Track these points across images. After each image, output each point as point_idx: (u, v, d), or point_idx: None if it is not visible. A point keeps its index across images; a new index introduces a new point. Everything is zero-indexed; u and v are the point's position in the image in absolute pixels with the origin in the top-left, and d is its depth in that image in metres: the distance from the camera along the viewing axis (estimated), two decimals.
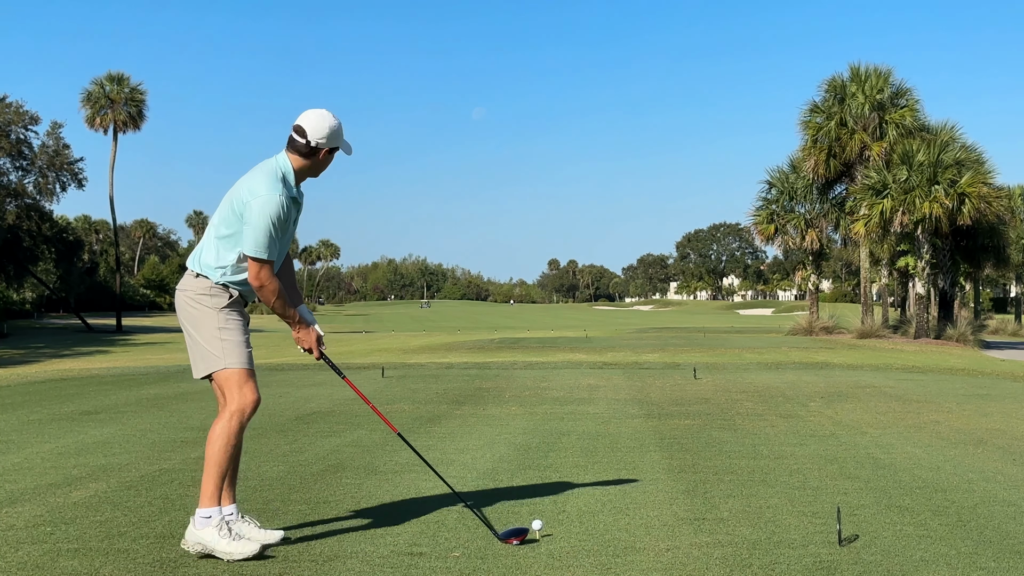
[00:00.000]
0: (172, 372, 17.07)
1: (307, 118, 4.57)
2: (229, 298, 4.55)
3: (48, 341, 47.71)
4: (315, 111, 4.59)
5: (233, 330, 4.54)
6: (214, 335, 4.51)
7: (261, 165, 4.58)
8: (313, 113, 4.58)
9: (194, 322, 4.54)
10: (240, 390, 4.49)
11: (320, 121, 4.54)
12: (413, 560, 4.29)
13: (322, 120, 4.55)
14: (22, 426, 9.22)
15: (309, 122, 4.55)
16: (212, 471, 4.40)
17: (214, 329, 4.51)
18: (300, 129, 4.55)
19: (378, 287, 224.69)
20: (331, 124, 4.56)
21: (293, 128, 4.58)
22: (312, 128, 4.54)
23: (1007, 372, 17.35)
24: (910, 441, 8.11)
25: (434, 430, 8.82)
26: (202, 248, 4.60)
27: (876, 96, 36.76)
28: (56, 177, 55.99)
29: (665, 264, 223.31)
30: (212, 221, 4.61)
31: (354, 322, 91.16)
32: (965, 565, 4.25)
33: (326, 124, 4.54)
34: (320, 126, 4.53)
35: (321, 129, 4.53)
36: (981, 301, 69.19)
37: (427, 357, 23.32)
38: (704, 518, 5.13)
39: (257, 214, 4.39)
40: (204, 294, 4.53)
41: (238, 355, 4.53)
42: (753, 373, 16.60)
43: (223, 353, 4.51)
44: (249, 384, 4.53)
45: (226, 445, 4.42)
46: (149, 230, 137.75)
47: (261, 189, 4.42)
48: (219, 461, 4.40)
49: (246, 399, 4.49)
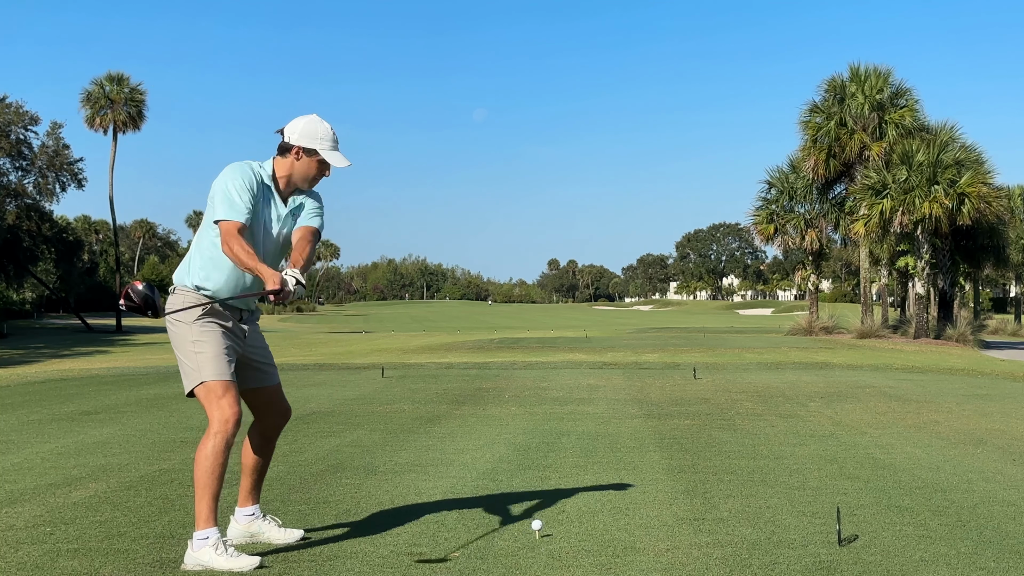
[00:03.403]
0: (172, 372, 17.07)
1: (294, 119, 4.57)
2: (203, 310, 4.39)
3: (48, 341, 47.69)
4: (305, 115, 4.58)
5: (208, 342, 4.36)
6: (190, 348, 4.37)
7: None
8: (301, 116, 4.58)
9: (173, 338, 4.44)
10: (218, 404, 4.29)
11: (300, 120, 4.53)
12: (413, 560, 4.30)
13: (303, 120, 4.53)
14: (22, 426, 9.22)
15: (292, 121, 4.55)
16: (202, 494, 4.24)
17: (189, 343, 4.37)
18: (281, 130, 4.56)
19: (378, 287, 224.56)
20: (307, 123, 4.50)
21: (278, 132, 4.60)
22: (290, 125, 4.53)
23: (1007, 372, 17.35)
24: (910, 441, 8.12)
25: (434, 430, 8.82)
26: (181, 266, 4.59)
27: (876, 96, 36.75)
28: (56, 177, 55.94)
29: (665, 264, 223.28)
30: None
31: (354, 322, 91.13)
32: (965, 565, 4.25)
33: (302, 122, 4.51)
34: (297, 123, 4.51)
35: (296, 126, 4.50)
36: (981, 301, 69.17)
37: (427, 357, 23.32)
38: (704, 518, 5.13)
39: (216, 183, 4.41)
40: (178, 308, 4.40)
41: (213, 367, 4.33)
42: (753, 373, 16.60)
43: (198, 366, 4.34)
44: (227, 397, 4.31)
45: (213, 467, 4.23)
46: (149, 230, 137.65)
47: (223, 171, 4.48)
48: (207, 484, 4.23)
49: (225, 414, 4.27)
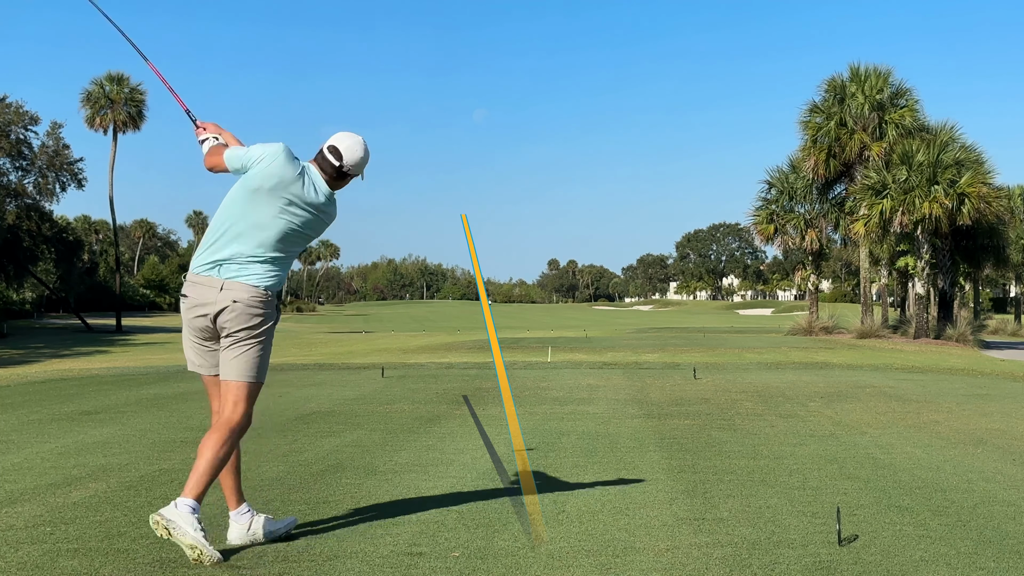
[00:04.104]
0: (172, 372, 17.07)
1: (343, 142, 4.59)
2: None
3: (48, 341, 47.69)
4: (352, 136, 4.62)
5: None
6: (270, 348, 4.64)
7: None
8: (349, 138, 4.61)
9: (267, 335, 4.61)
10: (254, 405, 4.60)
11: (356, 149, 4.59)
12: (413, 560, 4.29)
13: (358, 148, 4.60)
14: (22, 426, 9.22)
15: (346, 146, 4.58)
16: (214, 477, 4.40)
17: (271, 343, 4.63)
18: (336, 151, 4.57)
19: (378, 287, 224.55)
20: (363, 154, 4.61)
21: (328, 148, 4.59)
22: (349, 154, 4.58)
23: (1007, 372, 17.36)
24: (910, 441, 8.12)
25: (434, 430, 8.82)
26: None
27: (876, 96, 36.76)
28: (56, 177, 55.95)
29: (665, 264, 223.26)
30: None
31: (354, 322, 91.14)
32: (965, 565, 4.25)
33: (360, 152, 4.60)
34: (356, 153, 4.59)
35: (355, 156, 4.59)
36: (981, 301, 69.18)
37: (427, 357, 23.32)
38: (704, 518, 5.13)
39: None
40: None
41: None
42: (753, 373, 16.61)
43: (267, 366, 4.63)
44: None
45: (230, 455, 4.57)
46: (149, 230, 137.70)
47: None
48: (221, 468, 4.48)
49: (251, 416, 4.57)
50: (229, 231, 4.48)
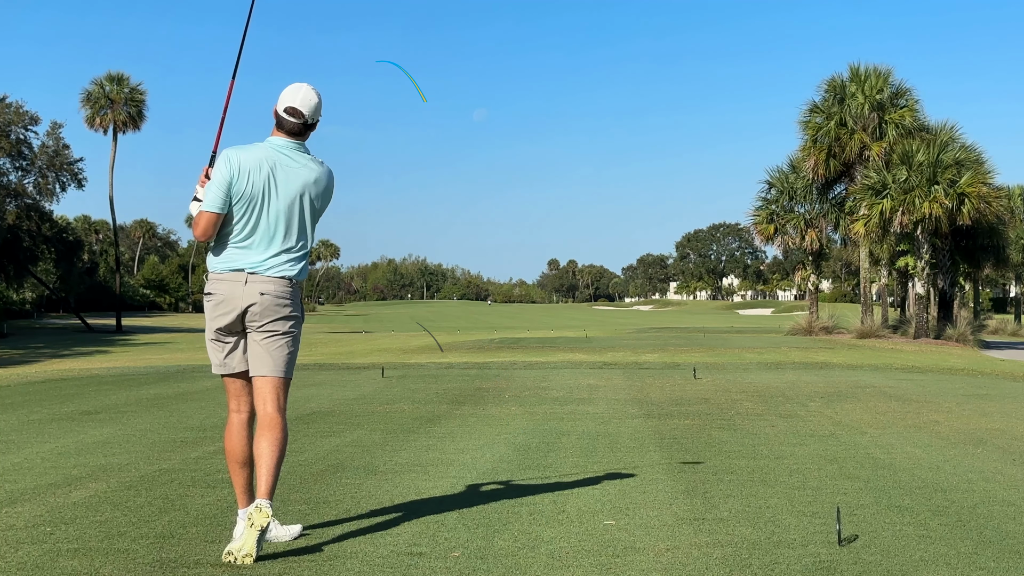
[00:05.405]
0: (172, 372, 17.07)
1: (295, 98, 4.55)
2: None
3: (48, 341, 47.67)
4: (296, 89, 4.58)
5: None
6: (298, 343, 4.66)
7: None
8: (297, 92, 4.57)
9: (296, 331, 4.61)
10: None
11: (310, 97, 4.58)
12: (413, 560, 4.29)
13: (311, 95, 4.59)
14: (22, 426, 9.22)
15: (300, 101, 4.55)
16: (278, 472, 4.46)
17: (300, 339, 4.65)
18: (294, 111, 4.53)
19: (378, 287, 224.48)
20: (317, 99, 4.59)
21: (285, 111, 4.54)
22: (306, 106, 4.56)
23: (1007, 372, 17.36)
24: (910, 441, 8.12)
25: (434, 430, 8.82)
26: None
27: (876, 96, 36.75)
28: (56, 177, 55.92)
29: (665, 264, 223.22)
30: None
31: (354, 322, 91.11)
32: (965, 565, 4.25)
33: (314, 97, 4.59)
34: (311, 101, 4.58)
35: (311, 104, 4.57)
36: (981, 301, 69.14)
37: (427, 357, 23.32)
38: (704, 518, 5.13)
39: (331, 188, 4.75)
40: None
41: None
42: (753, 373, 16.61)
43: (296, 361, 4.67)
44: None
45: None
46: (149, 230, 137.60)
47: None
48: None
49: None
50: (243, 230, 4.49)
